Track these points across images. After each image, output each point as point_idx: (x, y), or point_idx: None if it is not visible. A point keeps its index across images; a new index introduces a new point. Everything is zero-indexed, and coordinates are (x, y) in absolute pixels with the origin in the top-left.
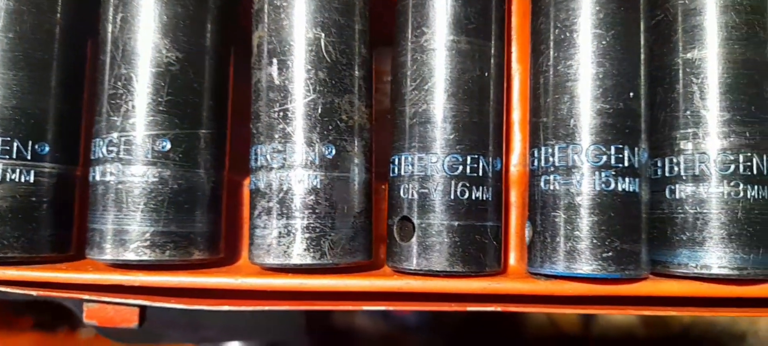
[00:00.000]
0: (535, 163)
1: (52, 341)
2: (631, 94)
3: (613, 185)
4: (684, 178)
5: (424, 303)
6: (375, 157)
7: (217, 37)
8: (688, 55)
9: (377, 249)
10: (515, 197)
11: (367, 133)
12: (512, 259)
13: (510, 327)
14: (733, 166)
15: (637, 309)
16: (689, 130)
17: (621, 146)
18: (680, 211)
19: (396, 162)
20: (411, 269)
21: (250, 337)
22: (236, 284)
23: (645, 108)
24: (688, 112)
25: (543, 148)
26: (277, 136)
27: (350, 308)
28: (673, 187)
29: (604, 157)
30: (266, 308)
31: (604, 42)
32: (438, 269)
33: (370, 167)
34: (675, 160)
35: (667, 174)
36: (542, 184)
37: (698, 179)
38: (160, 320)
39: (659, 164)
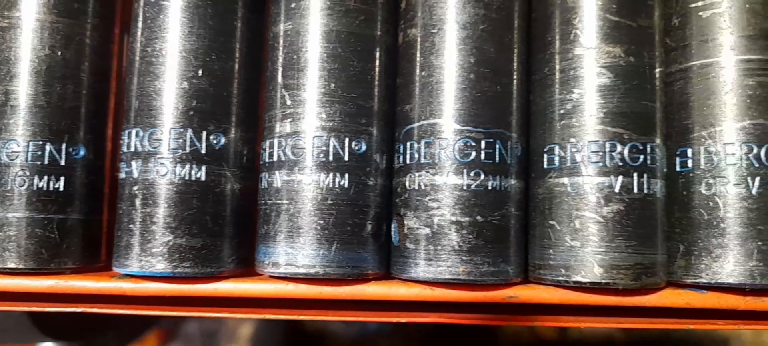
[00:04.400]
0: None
1: None
2: (200, 72)
3: (165, 173)
4: (268, 165)
5: None
6: None
7: None
8: (281, 27)
9: None
10: None
11: None
12: None
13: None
14: (304, 151)
15: (215, 310)
16: (276, 112)
17: (182, 129)
18: (262, 202)
19: None
20: None
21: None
22: None
23: (238, 87)
24: (274, 91)
25: (123, 134)
26: None
27: None
28: (264, 175)
29: (156, 143)
30: None
31: (163, 15)
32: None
33: None
34: (266, 145)
35: (266, 161)
36: (120, 172)
37: (283, 165)
38: None
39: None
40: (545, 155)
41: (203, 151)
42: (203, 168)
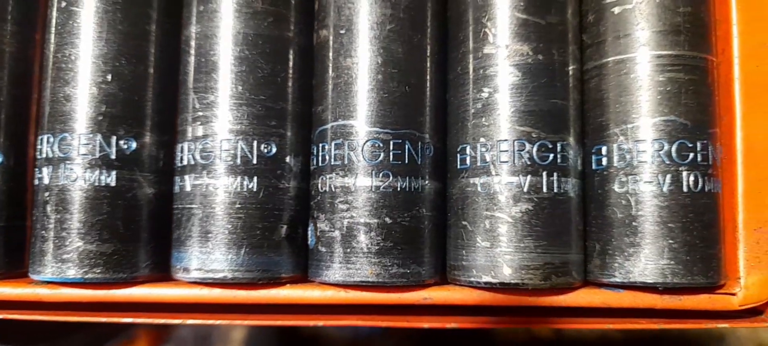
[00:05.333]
0: None
1: None
2: (109, 77)
3: (76, 178)
4: (180, 169)
5: None
6: None
7: None
8: (192, 30)
9: None
10: None
11: None
12: None
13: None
14: (213, 155)
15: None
16: (187, 115)
17: (91, 135)
18: (175, 207)
19: None
20: None
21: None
22: None
23: (152, 91)
24: (185, 95)
25: (37, 139)
26: None
27: None
28: (176, 179)
29: (66, 148)
30: None
31: (73, 20)
32: None
33: None
34: (178, 149)
35: (178, 165)
36: (35, 178)
37: (194, 169)
38: None
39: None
40: (458, 155)
41: (113, 156)
42: (113, 173)
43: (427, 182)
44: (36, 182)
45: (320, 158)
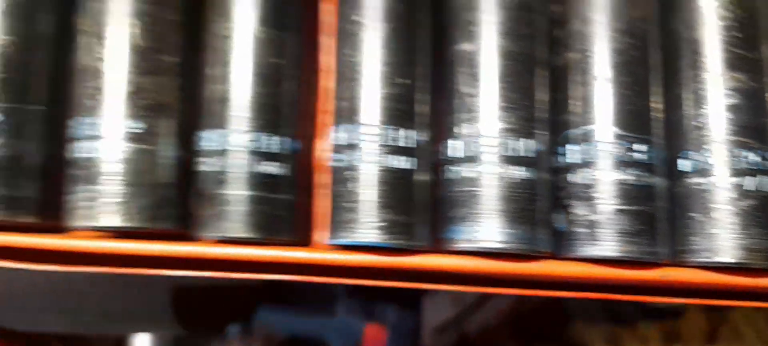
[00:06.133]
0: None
1: None
2: (397, 80)
3: (376, 162)
4: (457, 160)
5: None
6: None
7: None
8: (462, 46)
9: None
10: None
11: None
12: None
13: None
14: (488, 149)
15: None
16: (460, 115)
17: (396, 127)
18: (452, 190)
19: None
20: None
21: None
22: None
23: (427, 93)
24: (460, 100)
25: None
26: None
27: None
28: (451, 168)
29: (363, 137)
30: None
31: (362, 32)
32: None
33: None
34: (453, 143)
35: (455, 156)
36: (332, 162)
37: (472, 159)
38: None
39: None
40: (682, 160)
41: (404, 144)
42: (403, 159)
43: (660, 179)
44: (336, 164)
45: (573, 156)
